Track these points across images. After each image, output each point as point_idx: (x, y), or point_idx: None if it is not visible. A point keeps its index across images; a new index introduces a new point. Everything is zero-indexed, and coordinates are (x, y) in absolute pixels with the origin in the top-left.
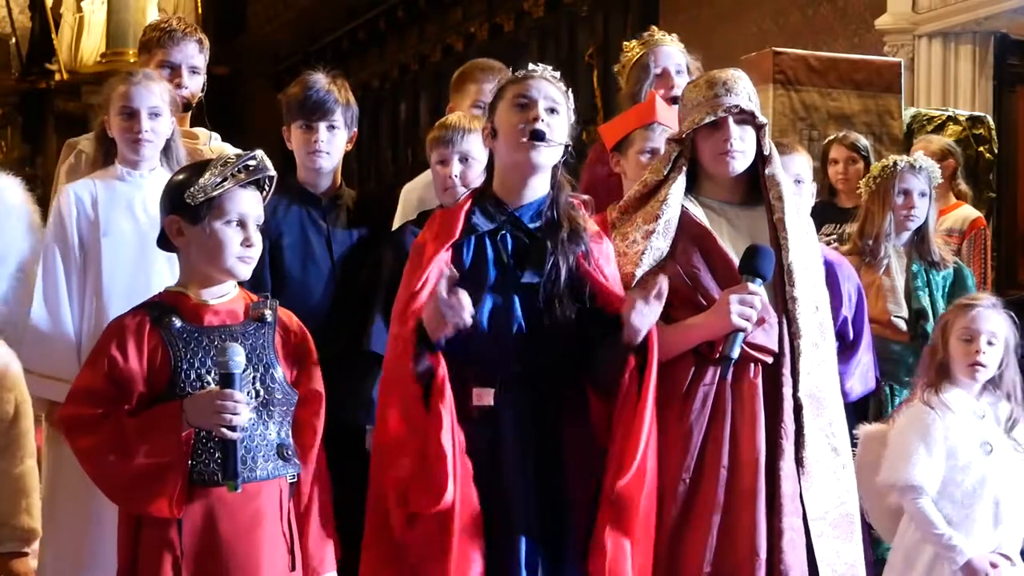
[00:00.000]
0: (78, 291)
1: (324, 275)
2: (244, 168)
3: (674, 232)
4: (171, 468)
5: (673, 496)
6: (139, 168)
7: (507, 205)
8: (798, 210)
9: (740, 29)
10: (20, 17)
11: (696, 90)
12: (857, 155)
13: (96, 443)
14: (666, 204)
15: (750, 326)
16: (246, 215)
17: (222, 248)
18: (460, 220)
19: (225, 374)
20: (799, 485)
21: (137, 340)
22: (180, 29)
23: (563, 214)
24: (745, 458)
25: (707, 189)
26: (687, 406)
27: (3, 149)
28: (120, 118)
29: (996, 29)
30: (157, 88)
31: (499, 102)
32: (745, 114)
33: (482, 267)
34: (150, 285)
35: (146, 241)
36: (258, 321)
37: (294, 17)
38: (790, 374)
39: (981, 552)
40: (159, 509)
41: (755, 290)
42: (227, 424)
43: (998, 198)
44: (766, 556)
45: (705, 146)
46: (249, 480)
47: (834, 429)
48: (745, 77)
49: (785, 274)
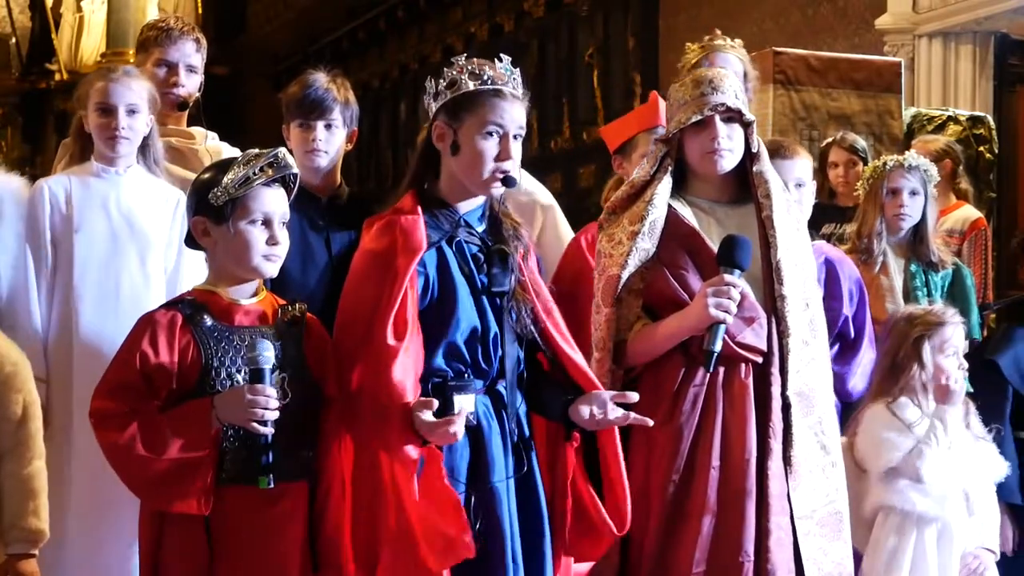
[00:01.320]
0: (47, 287)
1: (323, 275)
2: (267, 166)
3: (660, 233)
4: (201, 465)
5: (663, 496)
6: (115, 165)
7: (454, 208)
8: (788, 207)
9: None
10: (20, 17)
11: (682, 89)
12: (857, 157)
13: (125, 438)
14: (651, 205)
15: (730, 318)
16: (271, 213)
17: (248, 248)
18: (421, 229)
19: (255, 369)
20: (787, 484)
21: (169, 336)
22: (177, 28)
23: (502, 214)
24: (736, 459)
25: (695, 188)
26: (677, 407)
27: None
28: (97, 114)
29: (996, 29)
30: (136, 85)
31: (464, 114)
32: (732, 112)
33: (447, 277)
34: (120, 284)
35: (118, 239)
36: (287, 323)
37: (294, 17)
38: (779, 372)
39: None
40: (188, 506)
41: (732, 280)
42: (259, 419)
43: (998, 198)
44: (754, 556)
45: (692, 145)
46: (276, 480)
47: (824, 427)
48: (732, 75)
49: (773, 272)
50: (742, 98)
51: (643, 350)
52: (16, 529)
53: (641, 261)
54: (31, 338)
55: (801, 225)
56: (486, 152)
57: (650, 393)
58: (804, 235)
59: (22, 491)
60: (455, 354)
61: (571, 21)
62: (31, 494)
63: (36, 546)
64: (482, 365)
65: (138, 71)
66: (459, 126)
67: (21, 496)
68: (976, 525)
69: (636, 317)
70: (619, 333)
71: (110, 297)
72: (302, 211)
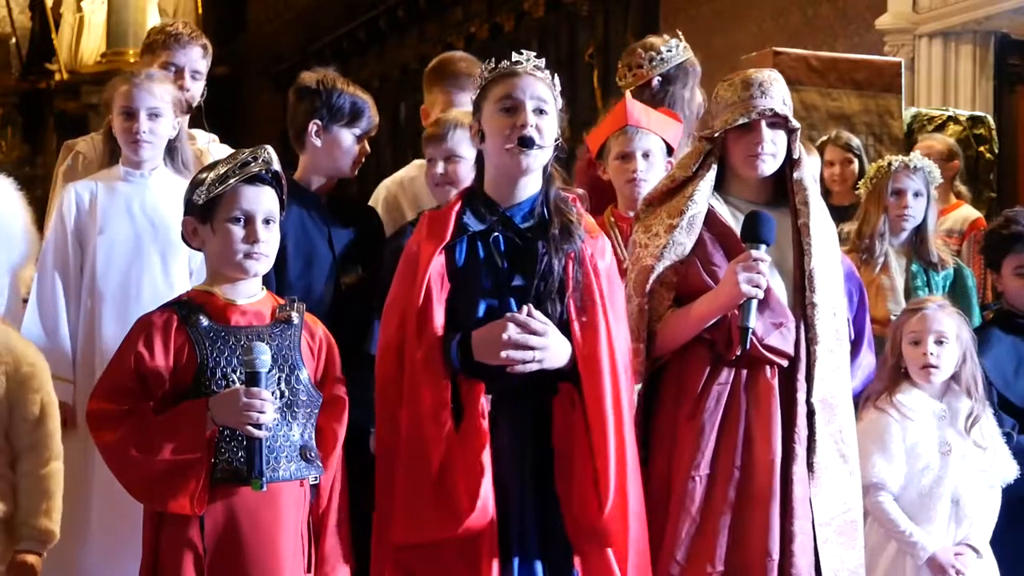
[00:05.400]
0: (74, 290)
1: (325, 275)
2: (245, 163)
3: (699, 230)
4: (194, 466)
5: (685, 494)
6: (140, 168)
7: (498, 205)
8: (824, 216)
9: (740, 29)
10: (20, 17)
11: (731, 89)
12: (851, 155)
13: (120, 438)
14: (692, 201)
15: (760, 292)
16: (252, 211)
17: (228, 245)
18: (451, 221)
19: (251, 373)
20: (809, 490)
21: (164, 337)
22: (186, 33)
23: (553, 211)
24: (760, 459)
25: (734, 188)
26: (700, 404)
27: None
28: (121, 118)
29: (996, 29)
30: (158, 89)
31: (484, 102)
32: (778, 117)
33: (475, 269)
34: (142, 286)
35: (141, 242)
36: (285, 323)
37: (294, 17)
38: (804, 379)
39: (944, 546)
40: (180, 506)
41: (759, 255)
42: (254, 423)
43: (998, 198)
44: (778, 558)
45: (736, 147)
46: (271, 480)
47: (844, 436)
48: (781, 80)
49: (806, 279)
50: (789, 104)
51: (672, 335)
52: (27, 527)
53: (678, 256)
54: (61, 340)
55: (833, 234)
56: (503, 125)
57: (675, 389)
58: (835, 244)
59: (37, 490)
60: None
61: (571, 21)
62: (45, 494)
63: (45, 546)
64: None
65: (162, 74)
66: (481, 115)
67: (36, 495)
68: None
69: (667, 310)
70: (650, 325)
71: (132, 299)
72: (303, 211)
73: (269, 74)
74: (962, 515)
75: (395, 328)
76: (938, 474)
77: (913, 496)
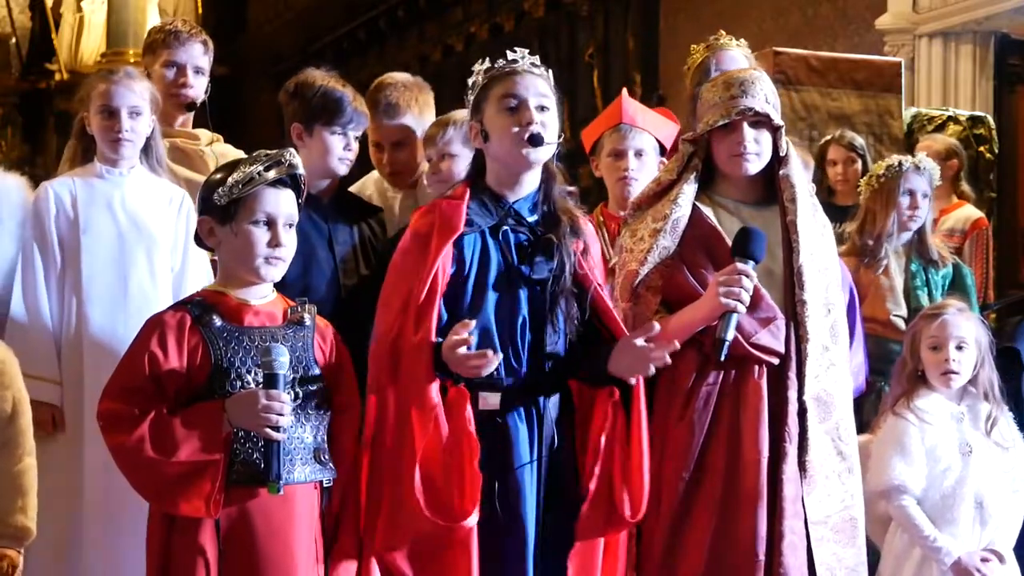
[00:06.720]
0: (57, 289)
1: (327, 275)
2: (272, 167)
3: (682, 232)
4: (210, 468)
5: (672, 494)
6: (118, 166)
7: (504, 199)
8: (814, 212)
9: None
10: (20, 17)
11: (713, 90)
12: (855, 155)
13: (134, 440)
14: (675, 204)
15: (741, 307)
16: (274, 214)
17: (249, 248)
18: (462, 213)
19: (269, 374)
20: (801, 489)
21: (178, 337)
22: (186, 30)
23: (560, 207)
24: (747, 458)
25: (722, 188)
26: (689, 404)
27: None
28: (100, 117)
29: (996, 29)
30: (138, 87)
31: (484, 102)
32: (761, 116)
33: (486, 263)
34: (128, 284)
35: (125, 240)
36: (297, 324)
37: (294, 17)
38: (796, 377)
39: (968, 551)
40: (195, 509)
41: (744, 270)
42: (272, 425)
43: (998, 198)
44: (765, 558)
45: (720, 147)
46: (286, 483)
47: (841, 433)
48: (764, 78)
49: (794, 276)
50: (772, 101)
51: None
52: (3, 525)
53: (660, 258)
54: (45, 340)
55: (827, 230)
56: (509, 123)
57: (665, 390)
58: (830, 240)
59: (11, 488)
60: (485, 337)
61: (571, 21)
62: (20, 491)
63: (21, 544)
64: (509, 350)
65: (139, 72)
66: (482, 116)
67: (10, 493)
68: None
69: (653, 313)
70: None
71: (119, 297)
72: (304, 212)
73: (269, 74)
74: (986, 517)
75: (395, 313)
76: (960, 475)
77: (936, 498)
